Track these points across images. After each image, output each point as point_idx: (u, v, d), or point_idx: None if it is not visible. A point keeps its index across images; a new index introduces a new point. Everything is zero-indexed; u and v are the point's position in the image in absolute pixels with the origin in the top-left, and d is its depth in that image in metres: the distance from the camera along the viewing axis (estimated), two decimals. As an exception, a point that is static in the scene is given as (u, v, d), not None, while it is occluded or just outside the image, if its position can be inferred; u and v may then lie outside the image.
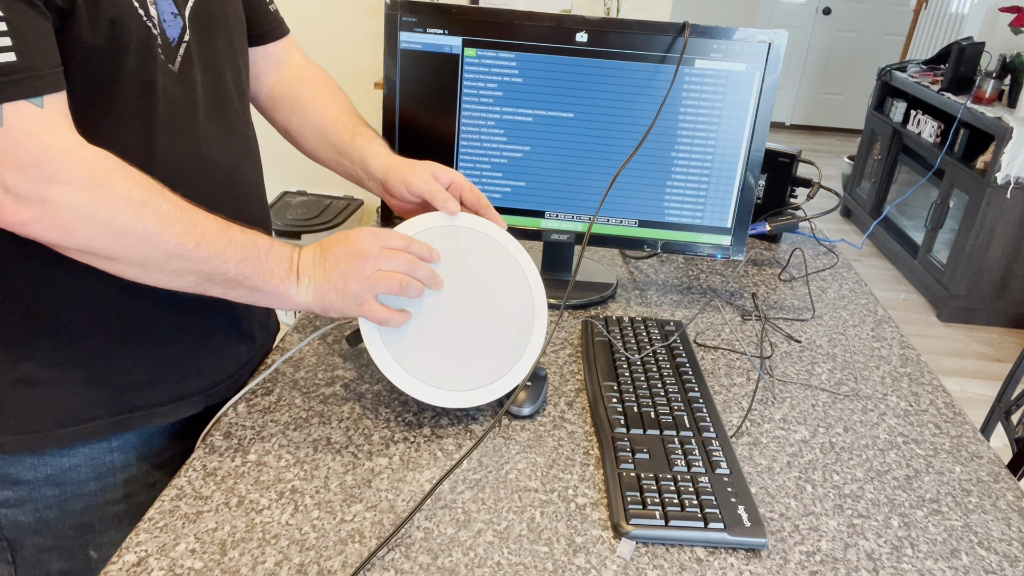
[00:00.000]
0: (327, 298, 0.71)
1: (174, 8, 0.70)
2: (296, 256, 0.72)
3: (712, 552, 0.66)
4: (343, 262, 0.71)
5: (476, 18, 0.97)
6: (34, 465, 0.74)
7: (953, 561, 0.67)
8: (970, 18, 3.93)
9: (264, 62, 0.92)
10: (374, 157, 0.87)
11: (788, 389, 0.92)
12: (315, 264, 0.72)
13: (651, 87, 0.98)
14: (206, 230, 0.65)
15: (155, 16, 0.67)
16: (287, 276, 0.70)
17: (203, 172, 0.75)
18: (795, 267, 1.27)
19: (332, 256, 0.72)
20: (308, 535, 0.65)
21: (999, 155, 2.80)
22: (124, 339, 0.74)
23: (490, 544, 0.65)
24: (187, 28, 0.72)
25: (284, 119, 0.94)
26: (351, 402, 0.83)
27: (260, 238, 0.70)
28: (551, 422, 0.82)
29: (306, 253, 0.73)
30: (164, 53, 0.69)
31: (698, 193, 1.04)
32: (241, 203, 0.81)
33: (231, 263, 0.67)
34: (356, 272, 0.71)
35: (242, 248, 0.67)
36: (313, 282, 0.71)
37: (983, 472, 0.79)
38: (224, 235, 0.67)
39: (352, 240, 0.72)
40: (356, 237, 0.73)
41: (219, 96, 0.77)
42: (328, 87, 0.95)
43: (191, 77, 0.73)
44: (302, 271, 0.71)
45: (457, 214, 0.80)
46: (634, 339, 0.94)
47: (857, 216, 4.16)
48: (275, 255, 0.70)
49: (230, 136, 0.79)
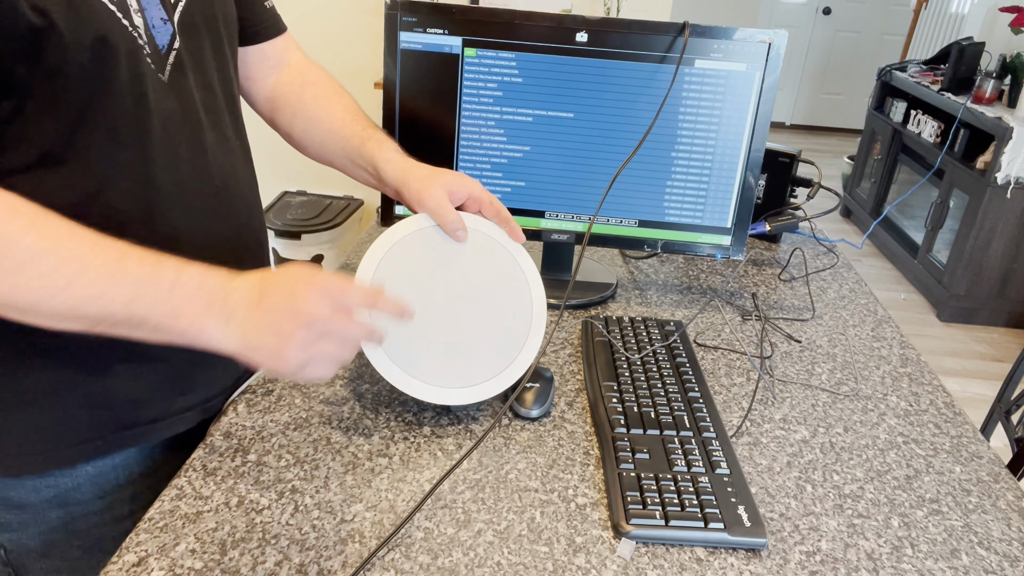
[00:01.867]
0: (258, 351, 0.60)
1: (163, 13, 0.67)
2: (223, 288, 0.60)
3: (712, 552, 0.66)
4: (284, 320, 0.59)
5: (476, 18, 0.97)
6: (36, 488, 0.72)
7: (953, 561, 0.67)
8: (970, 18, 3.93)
9: (261, 63, 0.89)
10: (386, 163, 0.84)
11: (788, 389, 0.92)
12: (248, 307, 0.59)
13: (651, 87, 0.98)
14: (84, 266, 0.55)
15: (141, 25, 0.64)
16: (202, 316, 0.58)
17: (201, 185, 0.73)
18: (795, 267, 1.27)
19: (269, 307, 0.59)
20: (308, 535, 0.65)
21: (999, 155, 2.81)
22: (121, 358, 0.71)
23: (490, 544, 0.65)
24: (177, 34, 0.69)
25: (287, 123, 0.91)
26: (351, 402, 0.83)
27: (162, 271, 0.58)
28: (551, 422, 0.82)
29: (240, 290, 0.60)
30: (153, 62, 0.66)
31: (698, 193, 1.04)
32: (239, 214, 0.79)
33: (117, 304, 0.56)
34: (296, 338, 0.59)
35: (134, 285, 0.57)
36: (240, 329, 0.59)
37: (983, 472, 0.79)
38: (110, 269, 0.56)
39: (298, 296, 0.59)
40: (303, 293, 0.59)
41: (211, 105, 0.75)
42: (332, 88, 0.92)
43: (183, 86, 0.70)
44: (232, 308, 0.59)
45: (464, 240, 0.79)
46: (634, 339, 0.94)
47: (857, 216, 4.16)
48: (184, 290, 0.58)
49: (225, 146, 0.77)
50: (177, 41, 0.69)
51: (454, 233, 0.78)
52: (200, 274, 0.59)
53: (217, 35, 0.75)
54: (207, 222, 0.74)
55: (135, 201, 0.67)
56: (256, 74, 0.90)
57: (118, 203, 0.66)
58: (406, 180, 0.81)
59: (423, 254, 0.78)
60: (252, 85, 0.90)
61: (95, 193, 0.64)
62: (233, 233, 0.79)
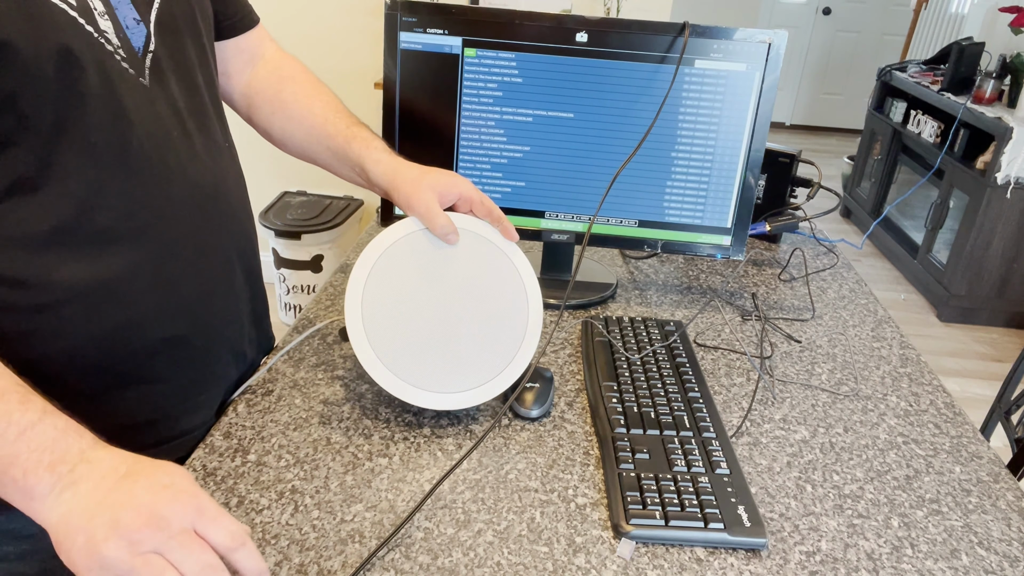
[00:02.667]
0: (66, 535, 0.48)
1: (135, 13, 0.64)
2: (83, 454, 0.51)
3: (712, 552, 0.66)
4: (130, 512, 0.47)
5: (476, 18, 0.97)
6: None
7: (953, 561, 0.67)
8: (970, 18, 3.93)
9: (236, 57, 0.86)
10: (375, 165, 0.82)
11: (788, 389, 0.92)
12: (98, 484, 0.49)
13: (651, 87, 0.98)
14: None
15: (109, 28, 0.61)
16: (40, 471, 0.49)
17: (188, 193, 0.69)
18: (795, 267, 1.27)
19: (126, 489, 0.49)
20: (308, 535, 0.65)
21: (999, 155, 2.81)
22: (120, 382, 0.69)
23: (490, 544, 0.65)
24: (152, 35, 0.65)
25: (265, 120, 0.88)
26: (351, 402, 0.83)
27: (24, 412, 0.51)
28: (551, 422, 0.82)
29: (100, 462, 0.50)
30: (131, 66, 0.63)
31: (698, 193, 1.04)
32: (228, 220, 0.77)
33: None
34: (131, 536, 0.47)
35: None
36: (75, 501, 0.49)
37: (983, 472, 0.79)
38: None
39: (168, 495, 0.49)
40: (174, 495, 0.49)
41: (196, 107, 0.72)
42: (310, 82, 0.89)
43: (165, 89, 0.67)
44: (75, 479, 0.49)
45: (455, 243, 0.78)
46: (634, 339, 0.94)
47: (857, 216, 4.16)
48: (36, 440, 0.50)
49: (211, 149, 0.74)
50: (153, 42, 0.66)
51: (444, 237, 0.77)
52: (63, 429, 0.51)
53: (196, 32, 0.72)
54: (199, 231, 0.72)
55: (121, 220, 0.64)
56: (232, 69, 0.86)
57: (103, 223, 0.63)
58: (395, 182, 0.80)
59: (415, 258, 0.78)
60: (228, 81, 0.87)
61: (76, 216, 0.61)
62: (226, 238, 0.77)
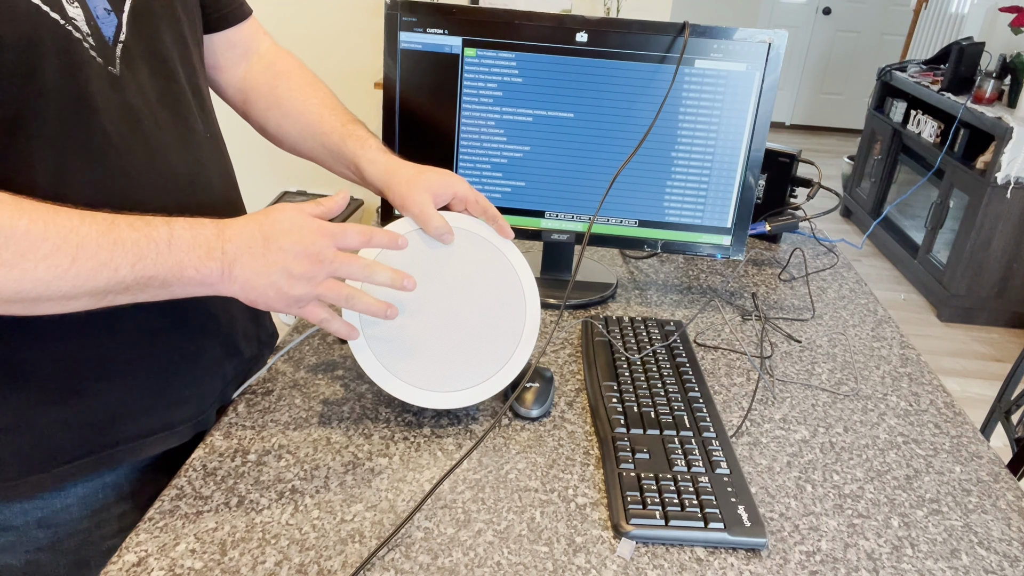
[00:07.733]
0: (261, 292, 0.64)
1: (106, 3, 0.63)
2: (219, 236, 0.62)
3: (712, 552, 0.66)
4: (292, 261, 0.63)
5: (476, 18, 0.97)
6: (24, 510, 0.70)
7: (953, 561, 0.67)
8: (970, 18, 3.93)
9: (228, 51, 0.85)
10: (370, 164, 0.82)
11: (788, 389, 0.92)
12: (252, 252, 0.63)
13: (651, 87, 0.98)
14: (83, 240, 0.55)
15: (79, 16, 0.60)
16: (205, 262, 0.61)
17: (160, 184, 0.69)
18: (795, 267, 1.27)
19: (277, 249, 0.63)
20: (308, 535, 0.65)
21: (999, 155, 2.81)
22: (96, 375, 0.69)
23: (490, 544, 0.65)
24: (123, 25, 0.64)
25: (260, 116, 0.88)
26: (351, 402, 0.83)
27: (155, 228, 0.59)
28: (551, 422, 0.82)
29: (236, 235, 0.63)
30: (100, 56, 0.62)
31: (698, 193, 1.04)
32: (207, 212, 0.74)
33: (124, 269, 0.57)
34: (305, 274, 0.64)
35: (133, 248, 0.57)
36: (247, 271, 0.63)
37: (983, 472, 0.79)
38: (108, 238, 0.56)
39: (306, 238, 0.64)
40: (311, 236, 0.64)
41: (172, 97, 0.71)
42: (306, 79, 0.88)
43: (137, 79, 0.66)
44: (232, 256, 0.62)
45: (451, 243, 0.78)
46: (634, 339, 0.94)
47: (857, 216, 4.16)
48: (181, 243, 0.60)
49: (188, 140, 0.73)
50: (124, 31, 0.65)
51: (439, 238, 0.77)
52: (189, 226, 0.61)
53: (175, 20, 0.71)
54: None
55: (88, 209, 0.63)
56: (224, 63, 0.86)
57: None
58: (389, 183, 0.80)
59: (411, 259, 0.78)
60: (220, 75, 0.86)
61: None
62: None
